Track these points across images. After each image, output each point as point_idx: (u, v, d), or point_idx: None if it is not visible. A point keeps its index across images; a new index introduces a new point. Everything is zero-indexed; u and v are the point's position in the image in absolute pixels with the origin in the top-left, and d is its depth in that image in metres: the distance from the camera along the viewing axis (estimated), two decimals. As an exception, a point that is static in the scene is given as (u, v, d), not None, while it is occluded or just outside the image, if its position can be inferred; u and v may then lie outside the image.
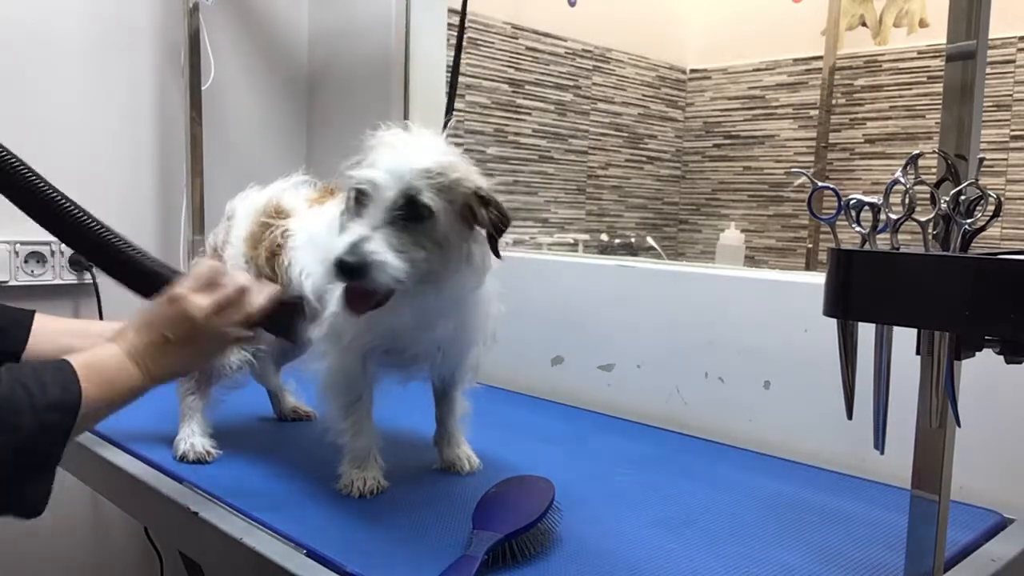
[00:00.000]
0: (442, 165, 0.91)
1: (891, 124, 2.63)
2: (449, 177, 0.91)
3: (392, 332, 1.01)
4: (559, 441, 1.32)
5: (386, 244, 0.87)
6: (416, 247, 0.89)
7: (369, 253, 0.86)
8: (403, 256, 0.88)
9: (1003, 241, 2.32)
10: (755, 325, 1.32)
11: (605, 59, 2.83)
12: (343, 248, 0.86)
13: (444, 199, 0.90)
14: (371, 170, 0.90)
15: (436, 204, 0.89)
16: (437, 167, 0.91)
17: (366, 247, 0.87)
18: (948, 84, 0.73)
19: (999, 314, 0.62)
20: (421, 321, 0.99)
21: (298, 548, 0.89)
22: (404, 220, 0.89)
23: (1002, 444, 1.08)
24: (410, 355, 1.04)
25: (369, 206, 0.89)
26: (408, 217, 0.89)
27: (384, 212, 0.88)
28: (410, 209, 0.89)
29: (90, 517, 1.89)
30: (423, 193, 0.89)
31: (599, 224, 2.88)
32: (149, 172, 1.93)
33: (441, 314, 1.00)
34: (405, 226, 0.89)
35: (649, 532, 0.95)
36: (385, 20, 1.95)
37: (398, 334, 1.01)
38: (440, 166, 0.91)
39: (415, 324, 1.00)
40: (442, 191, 0.90)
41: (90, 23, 1.81)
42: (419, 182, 0.89)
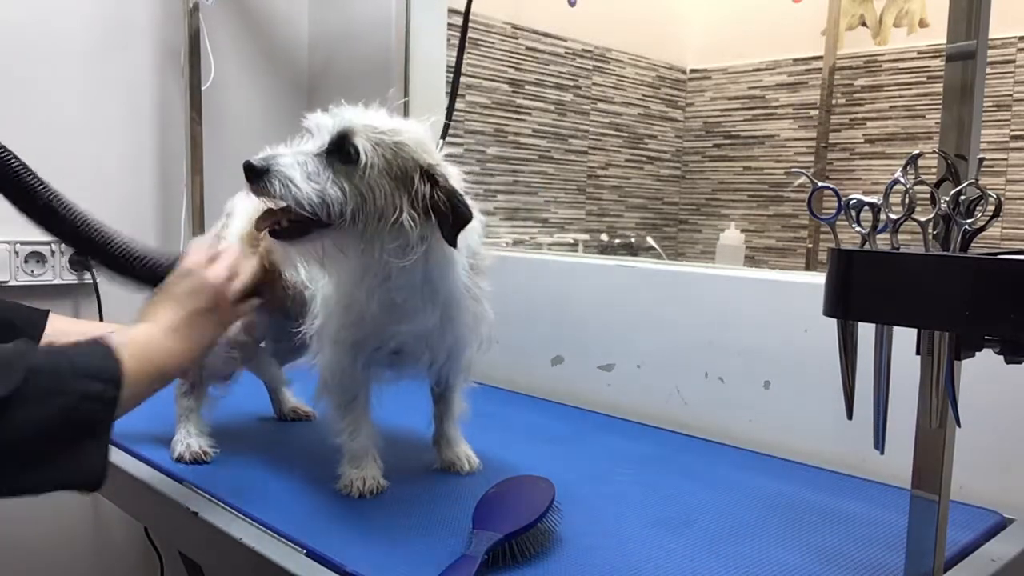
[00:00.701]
0: (391, 128, 0.92)
1: (891, 124, 2.63)
2: (393, 138, 0.91)
3: (370, 322, 1.00)
4: (559, 441, 1.32)
5: (299, 165, 0.89)
6: (334, 185, 0.89)
7: (276, 163, 0.89)
8: (314, 185, 0.89)
9: (1003, 241, 2.32)
10: (755, 325, 1.32)
11: (605, 59, 2.83)
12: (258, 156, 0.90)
13: (380, 154, 0.90)
14: (323, 114, 0.93)
15: (368, 152, 0.89)
16: (384, 127, 0.91)
17: (277, 158, 0.89)
18: (948, 84, 0.73)
19: (999, 314, 0.62)
20: (397, 312, 0.98)
21: (298, 548, 0.89)
22: (331, 157, 0.90)
23: (1002, 444, 1.08)
24: (397, 351, 1.04)
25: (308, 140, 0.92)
26: (336, 155, 0.90)
27: (317, 145, 0.91)
28: (340, 148, 0.90)
29: (90, 517, 1.89)
30: (357, 136, 0.90)
31: (599, 224, 2.88)
32: (149, 172, 1.93)
33: (417, 306, 0.98)
34: (331, 163, 0.90)
35: (649, 532, 0.95)
36: (385, 20, 1.95)
37: (379, 325, 1.00)
38: (388, 128, 0.91)
39: (391, 315, 0.99)
40: (381, 146, 0.90)
41: (90, 23, 1.81)
42: (360, 128, 0.90)
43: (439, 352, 1.06)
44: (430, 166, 0.92)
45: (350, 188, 0.90)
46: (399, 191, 0.90)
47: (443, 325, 1.02)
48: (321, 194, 0.89)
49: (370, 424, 1.07)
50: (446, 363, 1.09)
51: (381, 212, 0.90)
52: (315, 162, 0.90)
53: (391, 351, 1.04)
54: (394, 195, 0.90)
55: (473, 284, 1.03)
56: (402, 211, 0.90)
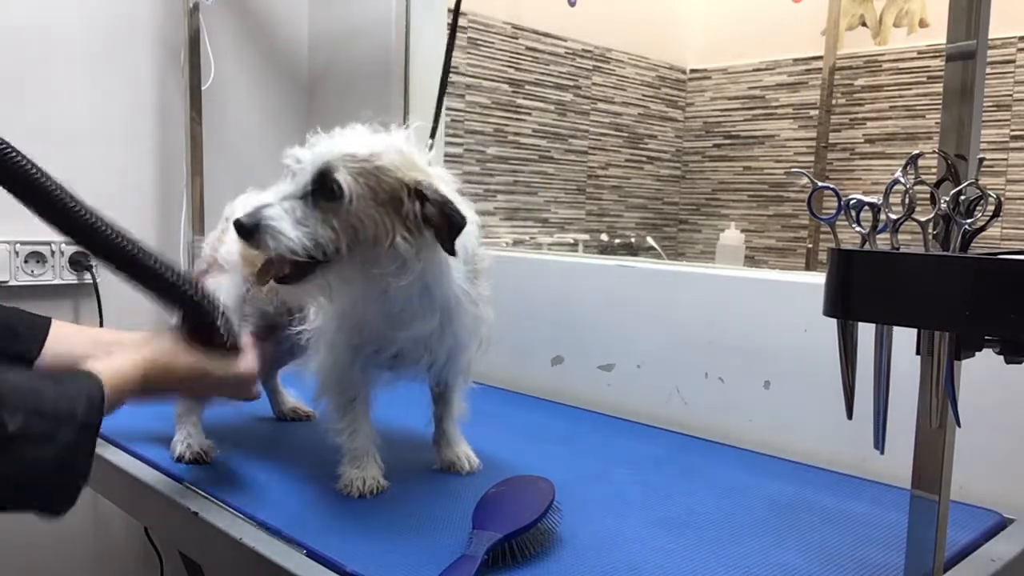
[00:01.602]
0: (373, 152, 0.90)
1: (891, 124, 2.63)
2: (374, 163, 0.90)
3: (369, 330, 1.01)
4: (559, 441, 1.32)
5: (287, 213, 0.88)
6: (324, 225, 0.89)
7: (265, 217, 0.88)
8: (304, 230, 0.88)
9: (1003, 241, 2.32)
10: (755, 325, 1.32)
11: (605, 59, 2.83)
12: (245, 210, 0.90)
13: (364, 183, 0.89)
14: (302, 149, 0.92)
15: (351, 186, 0.88)
16: (366, 153, 0.90)
17: (264, 211, 0.88)
18: (948, 84, 0.73)
19: (999, 314, 0.62)
20: (396, 320, 0.99)
21: (298, 548, 0.89)
22: (316, 197, 0.89)
23: (1002, 444, 1.08)
24: (395, 354, 1.04)
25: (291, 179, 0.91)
26: (320, 194, 0.89)
27: (299, 187, 0.90)
28: (323, 185, 0.89)
29: (90, 517, 1.89)
30: (338, 171, 0.88)
31: (599, 224, 2.88)
32: (149, 172, 1.93)
33: (416, 313, 0.98)
34: (316, 203, 0.89)
35: (649, 532, 0.95)
36: (385, 20, 1.95)
37: (378, 333, 1.01)
38: (371, 153, 0.90)
39: (389, 323, 0.99)
40: (363, 175, 0.89)
41: (90, 23, 1.81)
42: (338, 162, 0.89)
43: (438, 355, 1.06)
44: (417, 183, 0.91)
45: (340, 224, 0.89)
46: (389, 215, 0.90)
47: (442, 329, 1.02)
48: (312, 237, 0.89)
49: (369, 424, 1.07)
50: (445, 365, 1.09)
51: (375, 239, 0.90)
52: (301, 206, 0.89)
53: (390, 355, 1.04)
54: (385, 220, 0.90)
55: (471, 287, 1.03)
56: (396, 234, 0.90)
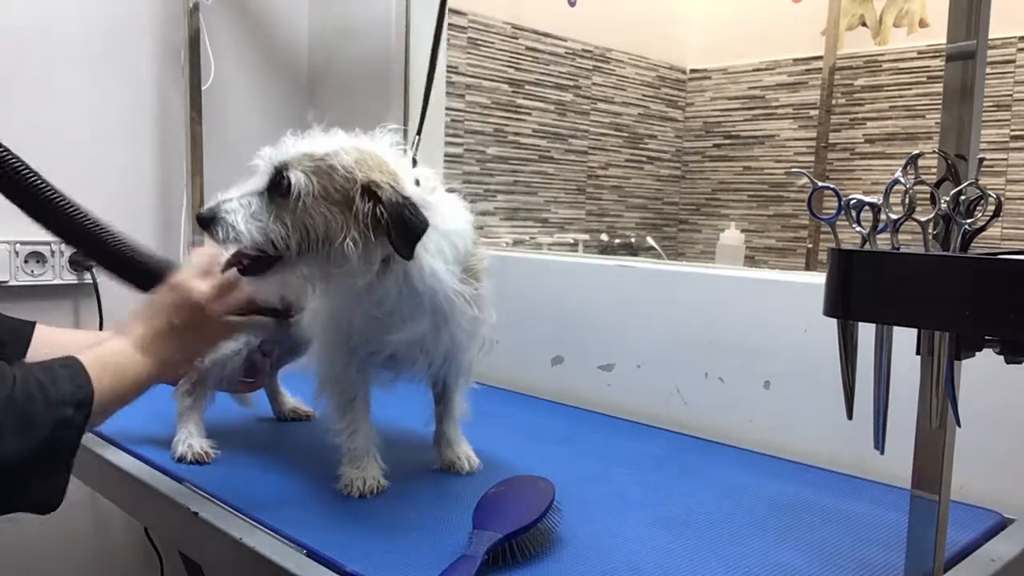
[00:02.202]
0: (330, 152, 0.92)
1: (891, 124, 2.63)
2: (328, 163, 0.91)
3: (360, 333, 1.01)
4: (559, 441, 1.32)
5: (242, 207, 0.92)
6: (276, 220, 0.91)
7: (221, 209, 0.92)
8: (257, 224, 0.91)
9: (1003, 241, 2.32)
10: (755, 325, 1.32)
11: (605, 59, 2.83)
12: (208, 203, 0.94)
13: (316, 182, 0.90)
14: (269, 148, 0.95)
15: (302, 183, 0.90)
16: (319, 153, 0.92)
17: (223, 205, 0.92)
18: (948, 84, 0.73)
19: (999, 314, 0.62)
20: (385, 323, 0.99)
21: (298, 548, 0.89)
22: (272, 193, 0.92)
23: (1002, 444, 1.08)
24: (391, 356, 1.04)
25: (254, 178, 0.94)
26: (276, 190, 0.92)
27: (259, 184, 0.93)
28: (276, 182, 0.91)
29: (90, 517, 1.89)
30: (290, 170, 0.90)
31: (599, 224, 2.88)
32: (149, 172, 1.93)
33: (405, 316, 0.98)
34: (272, 199, 0.92)
35: (649, 532, 0.95)
36: (385, 20, 1.95)
37: (369, 336, 1.01)
38: (327, 153, 0.92)
39: (378, 326, 0.99)
40: (316, 174, 0.90)
41: (90, 23, 1.81)
42: (295, 161, 0.91)
43: (435, 356, 1.06)
44: (370, 183, 0.90)
45: (291, 221, 0.91)
46: (343, 214, 0.90)
47: (437, 331, 1.02)
48: (263, 231, 0.91)
49: (369, 424, 1.07)
50: (444, 366, 1.09)
51: (326, 238, 0.91)
52: (258, 201, 0.92)
53: (385, 357, 1.04)
54: (336, 219, 0.90)
55: (468, 287, 1.02)
56: (345, 235, 0.90)
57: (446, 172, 2.15)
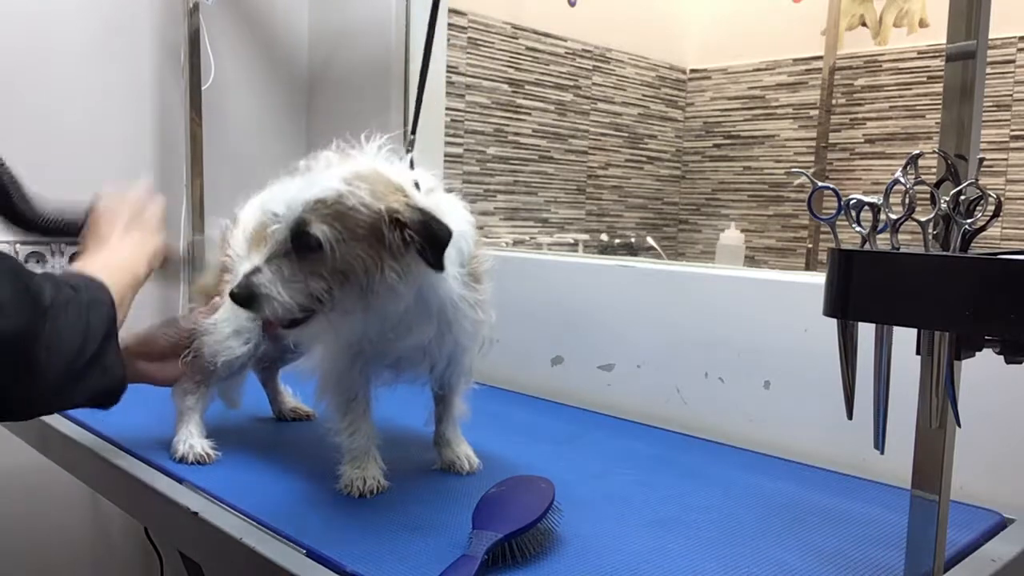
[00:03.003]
0: (339, 194, 0.89)
1: (891, 124, 2.63)
2: (345, 205, 0.88)
3: (368, 338, 1.01)
4: (559, 441, 1.32)
5: (276, 275, 0.90)
6: (314, 276, 0.90)
7: (256, 285, 0.90)
8: (295, 286, 0.90)
9: (1003, 241, 2.32)
10: (755, 325, 1.32)
11: (605, 59, 2.84)
12: (237, 280, 0.92)
13: (339, 227, 0.88)
14: (273, 203, 0.92)
15: (327, 234, 0.88)
16: (332, 196, 0.89)
17: (254, 279, 0.90)
18: (948, 84, 0.73)
19: (999, 314, 0.62)
20: (398, 329, 0.98)
21: (298, 548, 0.89)
22: (299, 251, 0.90)
23: (1002, 444, 1.08)
24: (395, 358, 1.04)
25: (271, 237, 0.92)
26: (301, 248, 0.90)
27: (279, 244, 0.91)
28: (302, 241, 0.89)
29: (90, 517, 1.89)
30: (312, 225, 0.88)
31: (599, 224, 2.88)
32: (149, 172, 1.93)
33: (414, 322, 0.98)
34: (300, 257, 0.90)
35: (649, 532, 0.95)
36: (385, 20, 1.95)
37: (376, 341, 1.01)
38: (336, 195, 0.89)
39: (387, 332, 0.99)
40: (337, 219, 0.88)
41: (90, 23, 1.81)
42: (309, 214, 0.89)
43: (439, 359, 1.06)
44: (391, 212, 0.89)
45: (328, 272, 0.90)
46: (374, 248, 0.90)
47: (441, 335, 1.02)
48: (304, 291, 0.90)
49: (370, 424, 1.07)
50: (447, 368, 1.10)
51: (366, 275, 0.90)
52: (287, 264, 0.90)
53: (390, 361, 1.04)
54: (370, 255, 0.90)
55: (470, 290, 1.02)
56: (384, 265, 0.90)
57: (446, 172, 2.15)
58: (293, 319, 0.93)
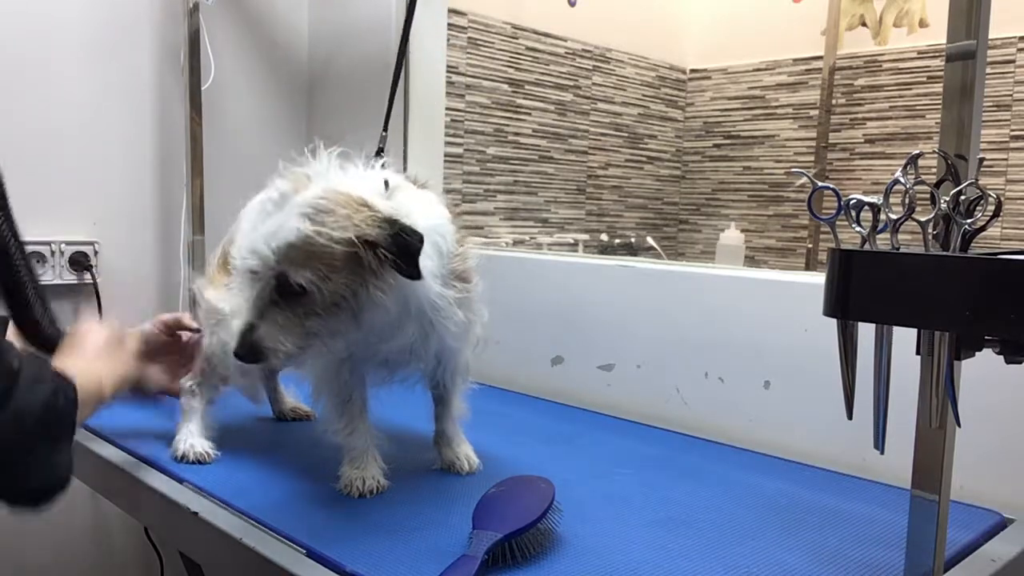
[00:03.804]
0: (306, 235, 0.88)
1: (891, 124, 2.63)
2: (316, 244, 0.88)
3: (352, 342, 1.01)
4: (559, 441, 1.32)
5: (273, 326, 0.91)
6: (307, 316, 0.91)
7: (257, 341, 0.91)
8: (295, 331, 0.91)
9: (1003, 241, 2.32)
10: (755, 325, 1.32)
11: (605, 59, 2.84)
12: (235, 339, 0.92)
13: (319, 265, 0.88)
14: (247, 253, 0.91)
15: (309, 279, 0.88)
16: (301, 239, 0.88)
17: (253, 336, 0.91)
18: (948, 84, 0.73)
19: (999, 314, 0.62)
20: (379, 333, 0.98)
21: (298, 548, 0.89)
22: (286, 298, 0.90)
23: (1002, 444, 1.08)
24: (382, 360, 1.04)
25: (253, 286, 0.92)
26: (286, 294, 0.90)
27: (264, 294, 0.91)
28: (286, 289, 0.90)
29: (90, 517, 1.89)
30: (291, 273, 0.88)
31: (599, 224, 2.88)
32: (149, 172, 1.93)
33: (394, 325, 0.98)
34: (288, 302, 0.90)
35: (649, 532, 0.95)
36: (385, 20, 1.95)
37: (360, 345, 1.01)
38: (303, 238, 0.88)
39: (368, 338, 0.99)
40: (312, 259, 0.88)
41: (90, 23, 1.81)
42: (285, 264, 0.88)
43: (427, 359, 1.05)
44: (361, 237, 0.89)
45: (321, 309, 0.91)
46: (355, 273, 0.90)
47: (425, 335, 1.01)
48: (303, 333, 0.91)
49: (367, 423, 1.07)
50: (438, 368, 1.10)
51: (355, 297, 0.91)
52: (279, 313, 0.91)
53: (376, 363, 1.04)
54: (353, 280, 0.90)
55: (455, 288, 1.01)
56: (368, 286, 0.90)
57: (446, 172, 2.15)
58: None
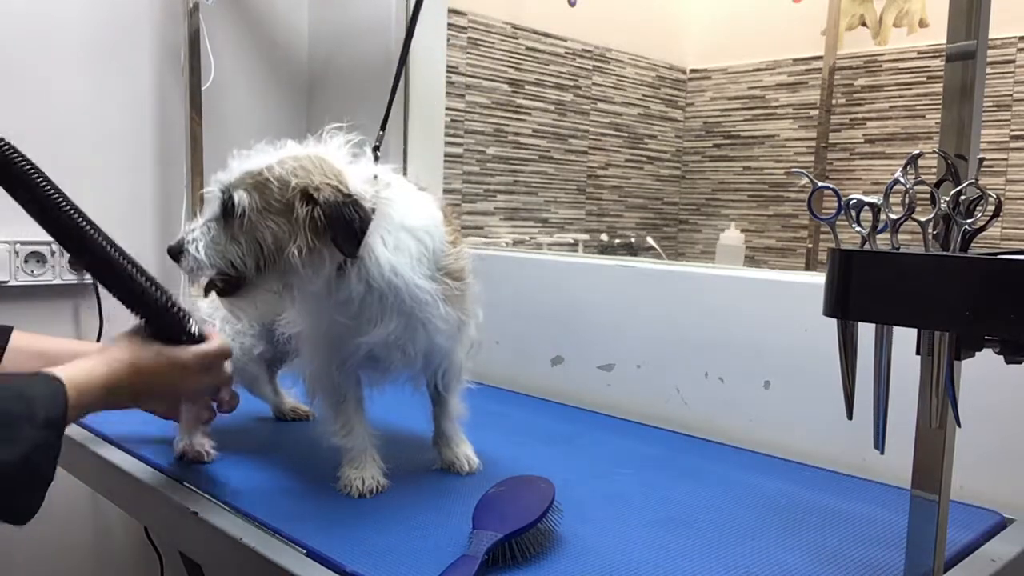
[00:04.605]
0: (268, 165, 0.94)
1: (891, 124, 2.63)
2: (266, 176, 0.93)
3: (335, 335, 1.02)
4: (559, 441, 1.32)
5: (203, 235, 0.96)
6: (232, 241, 0.94)
7: (186, 240, 0.96)
8: (216, 248, 0.95)
9: (1003, 241, 2.32)
10: (755, 325, 1.32)
11: (605, 59, 2.84)
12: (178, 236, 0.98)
13: (257, 196, 0.93)
14: (220, 172, 0.98)
15: (245, 201, 0.92)
16: (260, 167, 0.94)
17: (187, 236, 0.97)
18: (948, 84, 0.73)
19: (999, 314, 0.62)
20: (355, 326, 0.99)
21: (298, 548, 0.89)
22: (226, 217, 0.95)
23: (1002, 444, 1.08)
24: (371, 357, 1.03)
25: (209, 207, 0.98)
26: (227, 214, 0.95)
27: (214, 210, 0.96)
28: (227, 206, 0.94)
29: (90, 517, 1.89)
30: (234, 191, 0.94)
31: (599, 224, 2.88)
32: (149, 172, 1.93)
33: (374, 317, 0.98)
34: (225, 222, 0.95)
35: (649, 532, 0.95)
36: (385, 20, 1.95)
37: (343, 338, 1.01)
38: (265, 167, 0.94)
39: (349, 329, 0.99)
40: (256, 188, 0.93)
41: (90, 23, 1.81)
42: (236, 183, 0.94)
43: (415, 356, 1.04)
44: (303, 187, 0.91)
45: (245, 240, 0.94)
46: (288, 223, 0.92)
47: (410, 330, 1.00)
48: (222, 254, 0.95)
49: (364, 423, 1.07)
50: (428, 367, 1.09)
51: (277, 249, 0.93)
52: (215, 227, 0.96)
53: (364, 357, 1.04)
54: (282, 228, 0.92)
55: (444, 285, 1.01)
56: (294, 243, 0.92)
57: (446, 172, 2.15)
58: (219, 285, 0.98)
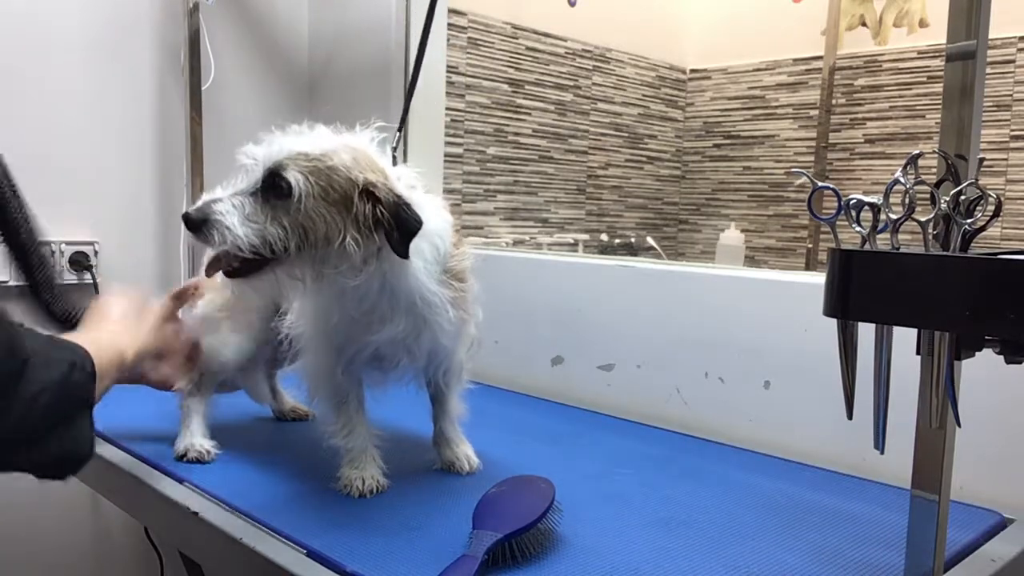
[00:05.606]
0: (326, 152, 0.90)
1: (891, 124, 2.63)
2: (326, 163, 0.89)
3: (342, 332, 1.01)
4: (559, 441, 1.32)
5: (236, 209, 0.89)
6: (273, 222, 0.89)
7: (213, 212, 0.88)
8: (253, 226, 0.89)
9: (1003, 241, 2.32)
10: (755, 325, 1.32)
11: (605, 59, 2.84)
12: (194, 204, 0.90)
13: (315, 182, 0.88)
14: (256, 146, 0.92)
15: (301, 184, 0.88)
16: (318, 152, 0.90)
17: (213, 206, 0.89)
18: (948, 84, 0.73)
19: (999, 314, 0.62)
20: (364, 323, 0.98)
21: (298, 548, 0.89)
22: (267, 194, 0.89)
23: (1002, 444, 1.08)
24: (376, 356, 1.03)
25: (242, 180, 0.91)
26: (271, 191, 0.89)
27: (250, 183, 0.90)
28: (273, 183, 0.89)
29: (90, 517, 1.89)
30: (289, 170, 0.88)
31: (599, 224, 2.88)
32: (149, 172, 1.93)
33: (384, 316, 0.98)
34: (267, 200, 0.89)
35: (649, 532, 0.95)
36: (385, 20, 1.95)
37: (349, 336, 1.01)
38: (323, 152, 0.90)
39: (357, 326, 0.99)
40: (314, 174, 0.89)
41: (90, 23, 1.81)
42: (290, 160, 0.89)
43: (418, 357, 1.04)
44: (368, 183, 0.90)
45: (289, 222, 0.89)
46: (341, 215, 0.90)
47: (417, 331, 1.00)
48: (260, 234, 0.89)
49: (364, 423, 1.07)
50: (430, 367, 1.09)
51: (326, 239, 0.90)
52: (251, 202, 0.89)
53: (369, 356, 1.04)
54: (336, 220, 0.89)
55: (450, 288, 1.01)
56: (346, 235, 0.89)
57: (446, 172, 2.15)
58: (239, 266, 0.92)
